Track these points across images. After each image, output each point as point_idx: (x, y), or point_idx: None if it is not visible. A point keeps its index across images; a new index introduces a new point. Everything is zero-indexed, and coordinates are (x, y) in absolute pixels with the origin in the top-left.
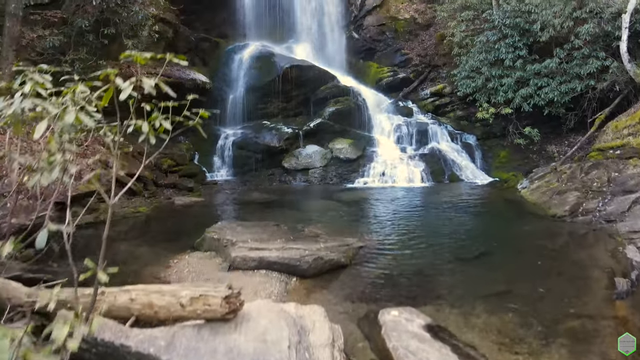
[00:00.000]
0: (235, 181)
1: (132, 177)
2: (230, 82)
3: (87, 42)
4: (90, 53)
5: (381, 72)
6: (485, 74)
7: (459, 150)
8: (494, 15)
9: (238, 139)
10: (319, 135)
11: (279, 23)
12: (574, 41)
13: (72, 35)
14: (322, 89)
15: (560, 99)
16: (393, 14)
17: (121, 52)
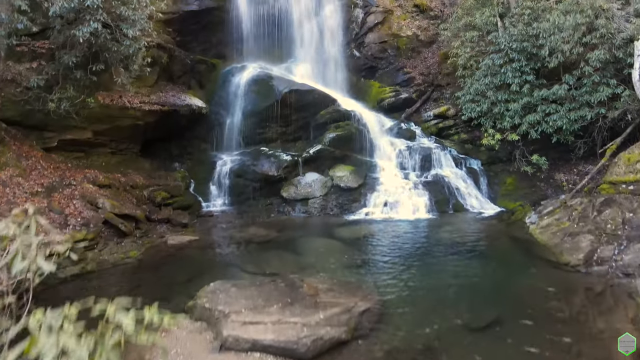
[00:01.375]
0: (232, 212)
1: (123, 217)
2: (227, 105)
3: (74, 79)
4: (78, 90)
5: (383, 92)
6: (490, 98)
7: (463, 176)
8: (500, 38)
9: (235, 166)
10: (319, 162)
11: (277, 42)
12: (584, 68)
13: (59, 70)
14: (322, 113)
15: (569, 127)
16: (395, 31)
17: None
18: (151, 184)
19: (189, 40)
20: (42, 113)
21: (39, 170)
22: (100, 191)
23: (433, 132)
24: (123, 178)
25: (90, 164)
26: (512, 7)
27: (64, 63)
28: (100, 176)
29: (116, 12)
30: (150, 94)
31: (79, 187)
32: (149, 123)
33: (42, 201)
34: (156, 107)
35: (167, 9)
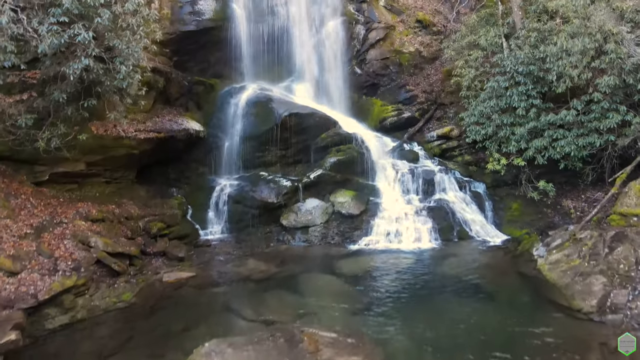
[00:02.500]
0: (231, 240)
1: (116, 255)
2: (225, 128)
3: (65, 116)
4: (69, 127)
5: (385, 111)
6: (495, 122)
7: (467, 201)
8: (506, 60)
9: (234, 192)
10: (319, 186)
11: (277, 60)
12: (593, 93)
13: (50, 105)
14: (322, 137)
15: (577, 154)
16: (397, 47)
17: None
18: (147, 213)
19: (187, 59)
20: (32, 147)
21: (28, 209)
22: (94, 227)
23: (436, 153)
24: (117, 209)
25: (84, 196)
26: (518, 28)
27: (53, 99)
28: (94, 210)
29: (110, 44)
30: (146, 120)
31: (70, 225)
32: (144, 151)
33: (31, 244)
34: (152, 134)
35: (164, 30)
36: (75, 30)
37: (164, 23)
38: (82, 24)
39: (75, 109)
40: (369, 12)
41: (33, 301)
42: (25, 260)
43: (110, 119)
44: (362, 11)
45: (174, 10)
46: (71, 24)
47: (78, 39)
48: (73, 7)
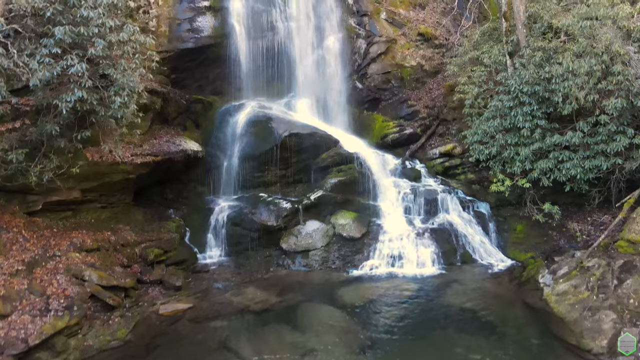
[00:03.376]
0: (229, 265)
1: (111, 289)
2: (224, 147)
3: (58, 148)
4: (62, 159)
5: (387, 128)
6: (499, 141)
7: (471, 222)
8: (510, 79)
9: (232, 214)
10: (320, 207)
11: (277, 76)
12: (600, 116)
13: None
14: (323, 157)
15: (583, 176)
16: (399, 61)
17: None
18: (143, 239)
19: (185, 77)
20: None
21: (20, 244)
22: (88, 258)
23: (439, 171)
24: (113, 237)
25: (79, 223)
26: (522, 46)
27: (46, 132)
28: (88, 240)
29: (104, 73)
30: (143, 143)
31: (63, 257)
32: (141, 175)
33: (22, 282)
34: (149, 158)
35: (162, 48)
36: (68, 61)
37: (161, 41)
38: (76, 53)
39: (68, 140)
40: (370, 26)
41: (23, 346)
42: (15, 300)
43: (105, 150)
44: (363, 25)
45: (171, 28)
46: (64, 54)
47: (71, 70)
48: (66, 37)
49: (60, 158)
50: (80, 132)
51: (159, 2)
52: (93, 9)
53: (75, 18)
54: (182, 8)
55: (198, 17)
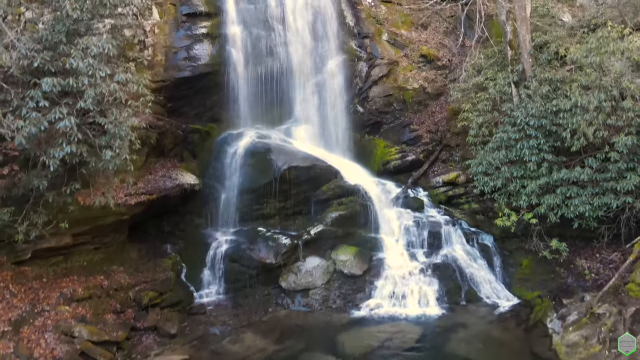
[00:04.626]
0: (227, 305)
1: (102, 344)
2: (222, 179)
3: (46, 203)
4: (50, 214)
5: (389, 154)
6: (504, 174)
7: (475, 256)
8: (516, 111)
9: (230, 250)
10: (320, 242)
11: (276, 102)
12: (609, 153)
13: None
14: (324, 189)
15: (592, 213)
16: (401, 84)
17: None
18: (138, 281)
19: (182, 105)
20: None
21: (7, 301)
22: (79, 309)
23: (442, 200)
24: (106, 281)
25: (70, 268)
26: (528, 75)
27: (33, 186)
28: (79, 288)
29: (96, 122)
30: (138, 180)
31: (52, 312)
32: (136, 214)
33: (8, 345)
34: (143, 197)
35: (158, 78)
36: (56, 114)
37: (157, 70)
38: (65, 102)
39: (57, 193)
40: (371, 48)
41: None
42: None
43: (96, 204)
44: (365, 47)
45: (168, 56)
46: (52, 106)
47: (59, 125)
48: (54, 89)
49: (49, 211)
50: (69, 184)
51: (154, 31)
52: (83, 58)
53: (64, 66)
54: (178, 36)
55: (195, 44)
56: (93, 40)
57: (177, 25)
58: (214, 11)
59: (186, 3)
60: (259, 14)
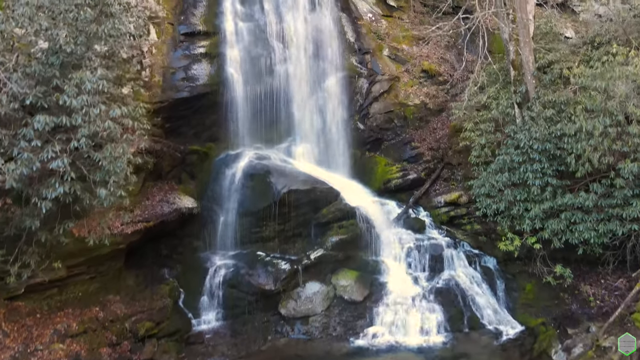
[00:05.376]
0: (225, 333)
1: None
2: (220, 201)
3: (38, 242)
4: (43, 252)
5: (390, 172)
6: (507, 197)
7: (478, 280)
8: (519, 134)
9: (229, 275)
10: (320, 266)
11: (276, 121)
12: (615, 180)
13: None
14: (324, 212)
15: (597, 240)
16: (402, 100)
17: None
18: (134, 311)
19: (180, 124)
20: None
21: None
22: (73, 345)
23: (444, 221)
24: (101, 313)
25: (65, 301)
26: (531, 97)
27: (25, 227)
28: (74, 322)
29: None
30: (135, 207)
31: (46, 351)
32: (133, 242)
33: None
34: (140, 225)
35: (156, 99)
36: (49, 153)
37: (155, 91)
38: (58, 138)
39: (49, 233)
40: (372, 64)
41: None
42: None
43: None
44: (365, 63)
45: (165, 77)
46: (44, 144)
47: (52, 165)
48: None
49: (41, 250)
50: (63, 223)
51: (152, 51)
52: (77, 95)
53: (58, 102)
54: (176, 56)
55: (193, 64)
56: (87, 75)
57: (175, 45)
58: (213, 30)
59: (184, 22)
60: (258, 32)
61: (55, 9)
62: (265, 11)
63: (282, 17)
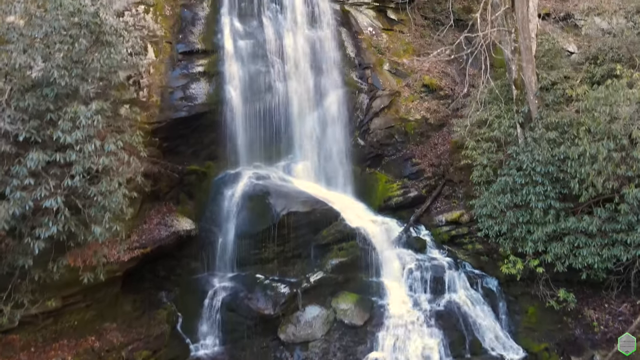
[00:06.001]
0: (224, 358)
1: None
2: (219, 222)
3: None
4: (36, 290)
5: (390, 190)
6: (510, 219)
7: (480, 302)
8: (521, 156)
9: (228, 298)
10: (320, 289)
11: (275, 138)
12: (620, 206)
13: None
14: (324, 234)
15: (601, 265)
16: (403, 115)
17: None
18: (131, 339)
19: (178, 143)
20: None
21: None
22: None
23: (445, 240)
24: (97, 342)
25: (60, 331)
26: (534, 117)
27: (18, 265)
28: (69, 356)
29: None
30: (132, 231)
31: None
32: (129, 269)
33: None
34: (137, 252)
35: (154, 119)
36: (42, 191)
37: (153, 111)
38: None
39: (42, 269)
40: (372, 79)
41: None
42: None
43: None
44: (366, 78)
45: (163, 97)
46: (37, 182)
47: (45, 204)
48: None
49: (35, 286)
50: (57, 260)
51: (150, 71)
52: (71, 131)
53: (52, 136)
54: (174, 75)
55: (192, 84)
56: (82, 110)
57: (173, 64)
58: (211, 48)
59: (183, 41)
60: (257, 49)
61: (49, 40)
62: (265, 28)
63: (281, 34)
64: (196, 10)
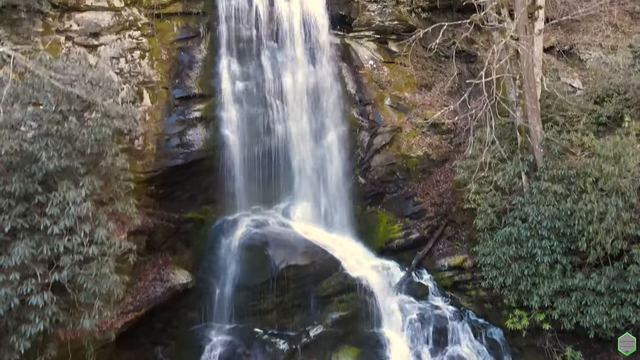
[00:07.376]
0: None
1: None
2: (217, 272)
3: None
4: None
5: (392, 231)
6: (515, 272)
7: (484, 355)
8: (527, 207)
9: (225, 354)
10: (319, 343)
11: (274, 180)
12: (629, 267)
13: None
14: (324, 286)
15: (609, 325)
16: (404, 152)
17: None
18: None
19: (174, 189)
20: None
21: None
22: None
23: (447, 285)
24: None
25: None
26: (539, 166)
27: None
28: None
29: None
30: (126, 292)
31: None
32: (124, 332)
33: None
34: (131, 315)
35: (149, 168)
36: (28, 287)
37: (148, 160)
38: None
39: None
40: (373, 115)
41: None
42: None
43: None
44: (367, 115)
45: (159, 145)
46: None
47: (32, 301)
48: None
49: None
50: (45, 352)
51: (145, 118)
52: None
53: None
54: (171, 122)
55: (189, 130)
56: (71, 195)
57: (170, 110)
58: (209, 92)
59: (179, 86)
60: (256, 90)
61: (38, 119)
62: (264, 68)
63: (280, 74)
64: (193, 53)
